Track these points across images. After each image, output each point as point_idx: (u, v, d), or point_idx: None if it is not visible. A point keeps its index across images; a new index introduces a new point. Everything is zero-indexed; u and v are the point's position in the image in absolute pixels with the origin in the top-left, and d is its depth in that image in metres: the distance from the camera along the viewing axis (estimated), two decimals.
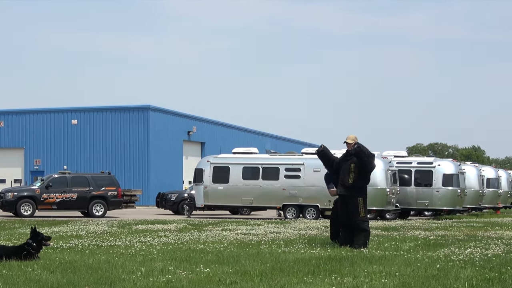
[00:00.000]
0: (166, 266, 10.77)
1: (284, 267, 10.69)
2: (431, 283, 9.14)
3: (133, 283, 9.14)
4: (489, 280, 9.48)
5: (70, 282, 9.19)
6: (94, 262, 11.33)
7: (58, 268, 10.65)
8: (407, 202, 32.93)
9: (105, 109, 57.51)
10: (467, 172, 35.70)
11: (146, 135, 55.77)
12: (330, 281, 9.31)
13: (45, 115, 58.29)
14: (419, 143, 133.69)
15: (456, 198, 32.93)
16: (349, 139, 14.51)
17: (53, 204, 33.35)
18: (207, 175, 33.27)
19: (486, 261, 11.78)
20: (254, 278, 9.55)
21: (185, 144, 60.90)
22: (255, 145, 52.67)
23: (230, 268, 10.55)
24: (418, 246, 14.97)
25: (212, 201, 33.24)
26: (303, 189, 31.75)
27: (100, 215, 33.30)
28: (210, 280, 9.37)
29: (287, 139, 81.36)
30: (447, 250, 13.70)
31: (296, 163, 32.33)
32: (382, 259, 11.93)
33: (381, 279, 9.46)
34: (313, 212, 31.58)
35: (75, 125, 57.22)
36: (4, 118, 58.88)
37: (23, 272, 10.14)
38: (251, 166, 33.05)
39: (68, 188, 33.59)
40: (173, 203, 37.88)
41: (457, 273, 10.11)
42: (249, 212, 37.58)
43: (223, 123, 68.23)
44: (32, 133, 58.05)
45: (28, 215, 32.58)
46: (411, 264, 11.16)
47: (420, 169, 33.14)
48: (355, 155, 14.26)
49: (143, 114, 56.24)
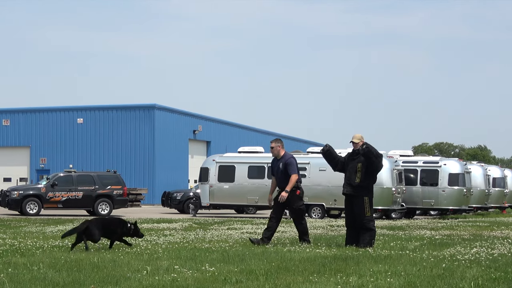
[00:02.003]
0: (171, 265, 10.77)
1: (290, 266, 10.68)
2: (437, 283, 9.12)
3: (139, 282, 9.14)
4: (495, 279, 9.46)
5: (76, 281, 9.19)
6: (100, 261, 11.33)
7: (63, 266, 10.66)
8: (413, 201, 32.90)
9: (111, 108, 57.58)
10: (473, 172, 35.66)
11: (151, 134, 55.81)
12: (335, 280, 9.30)
13: (51, 113, 58.38)
14: (425, 143, 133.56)
15: (462, 198, 32.89)
16: (355, 139, 14.46)
17: (59, 202, 33.42)
18: (212, 174, 33.29)
19: (492, 260, 11.75)
20: (259, 277, 9.54)
21: (191, 143, 60.94)
22: (261, 144, 52.62)
23: (236, 267, 10.54)
24: (424, 245, 14.94)
25: (217, 200, 33.26)
26: (309, 188, 31.63)
27: (105, 214, 33.33)
28: (216, 279, 9.36)
29: (293, 138, 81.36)
30: (453, 250, 13.68)
31: (302, 162, 32.26)
32: (387, 259, 11.91)
33: (386, 278, 9.45)
34: (318, 211, 31.58)
35: (80, 124, 57.30)
36: (10, 116, 58.98)
37: (29, 271, 10.15)
38: (257, 165, 33.05)
39: (74, 186, 33.65)
40: (178, 202, 37.89)
41: (463, 273, 10.09)
42: (254, 211, 37.58)
43: (228, 122, 68.25)
44: (38, 131, 58.15)
45: (34, 214, 32.65)
46: (417, 264, 11.14)
47: (426, 169, 33.11)
48: (363, 155, 14.22)
49: (149, 113, 56.28)
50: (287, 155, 14.76)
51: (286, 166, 14.60)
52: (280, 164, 14.70)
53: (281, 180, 14.68)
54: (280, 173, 14.69)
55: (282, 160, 14.73)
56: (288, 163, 14.60)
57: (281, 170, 14.66)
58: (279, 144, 14.87)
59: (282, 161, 14.70)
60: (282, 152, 14.84)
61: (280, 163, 14.71)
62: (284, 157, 14.74)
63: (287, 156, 14.75)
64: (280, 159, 14.78)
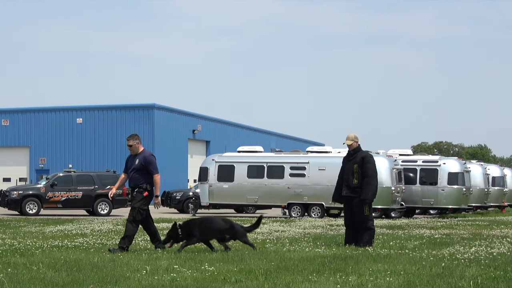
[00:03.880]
0: (171, 264, 10.77)
1: (289, 266, 10.68)
2: (436, 282, 9.12)
3: (138, 281, 9.14)
4: (494, 278, 9.46)
5: (75, 281, 9.19)
6: (99, 261, 11.34)
7: (63, 266, 10.66)
8: (412, 200, 32.91)
9: (110, 108, 57.55)
10: (472, 171, 35.66)
11: (151, 134, 55.78)
12: (335, 279, 9.30)
13: (50, 113, 58.35)
14: (424, 142, 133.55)
15: (461, 197, 32.89)
16: (348, 140, 14.41)
17: (58, 202, 33.43)
18: (212, 173, 33.29)
19: (491, 259, 11.75)
20: (259, 277, 9.54)
21: (190, 142, 60.93)
22: (260, 143, 52.70)
23: (235, 267, 10.54)
24: (423, 244, 14.94)
25: (217, 199, 33.25)
26: (308, 188, 31.75)
27: (105, 214, 33.35)
28: (215, 279, 9.36)
29: (292, 137, 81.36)
30: (452, 249, 13.68)
31: (301, 162, 32.32)
32: (387, 258, 11.91)
33: (386, 277, 9.45)
34: (318, 210, 31.58)
35: (80, 123, 57.28)
36: (9, 116, 58.96)
37: (28, 271, 10.15)
38: (256, 165, 33.05)
39: (73, 186, 33.66)
40: (178, 201, 37.87)
41: (462, 272, 10.09)
42: (254, 210, 37.58)
43: (228, 121, 68.24)
44: (37, 131, 58.13)
45: (33, 214, 32.65)
46: (416, 263, 11.14)
47: (425, 168, 33.11)
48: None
49: (148, 113, 56.27)
50: (147, 152, 13.68)
51: (146, 164, 13.52)
52: (137, 161, 13.59)
53: (136, 178, 13.58)
54: (134, 171, 13.58)
55: (139, 156, 13.64)
56: (148, 161, 13.54)
57: (137, 167, 13.56)
58: (137, 140, 13.77)
59: (140, 157, 13.61)
60: (141, 148, 13.78)
61: (137, 159, 13.60)
62: (143, 154, 13.64)
63: (147, 153, 13.65)
64: (137, 155, 13.68)
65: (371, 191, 14.03)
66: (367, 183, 14.03)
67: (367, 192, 14.00)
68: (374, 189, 14.10)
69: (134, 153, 13.79)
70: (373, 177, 14.12)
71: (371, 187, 14.05)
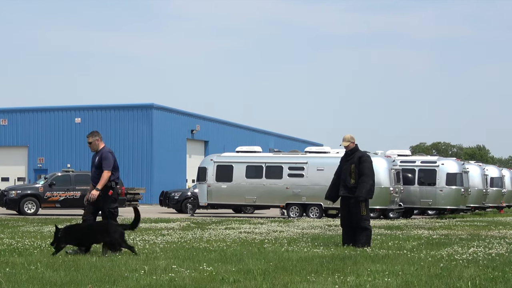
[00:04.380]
0: (169, 264, 10.77)
1: (287, 266, 10.68)
2: (434, 282, 9.13)
3: (136, 281, 9.13)
4: (492, 279, 9.46)
5: (73, 280, 9.19)
6: (97, 260, 11.33)
7: (61, 266, 10.65)
8: (411, 201, 32.91)
9: (109, 108, 57.54)
10: (470, 171, 35.66)
11: (149, 134, 55.78)
12: (333, 280, 9.30)
13: (48, 113, 58.34)
14: (423, 142, 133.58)
15: (460, 197, 32.90)
16: (344, 141, 14.45)
17: (57, 202, 33.39)
18: (210, 173, 33.28)
19: (490, 260, 11.76)
20: (257, 277, 9.54)
21: (189, 142, 60.91)
22: (259, 143, 52.60)
23: (233, 267, 10.54)
24: (422, 245, 14.95)
25: (215, 199, 33.25)
26: (307, 188, 31.74)
27: None
28: (213, 279, 9.36)
29: (291, 137, 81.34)
30: (451, 249, 13.69)
31: (300, 162, 32.32)
32: (385, 258, 11.91)
33: (384, 278, 9.45)
34: (316, 211, 31.59)
35: (78, 123, 57.25)
36: (7, 116, 58.94)
37: (26, 270, 10.14)
38: (255, 165, 33.04)
39: (72, 186, 33.63)
40: (176, 201, 37.85)
41: (461, 272, 10.09)
42: (252, 210, 37.57)
43: (226, 121, 68.22)
44: (35, 131, 58.11)
45: (32, 213, 32.62)
46: (414, 263, 11.15)
47: (424, 168, 33.11)
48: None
49: (147, 113, 56.26)
50: (105, 149, 13.33)
51: (101, 160, 13.19)
52: (97, 158, 13.31)
53: (94, 176, 13.28)
54: (95, 168, 13.30)
55: (99, 153, 13.34)
56: (104, 157, 13.17)
57: (96, 164, 13.28)
58: (97, 137, 13.38)
59: (99, 154, 13.31)
60: (101, 145, 13.41)
61: (97, 157, 13.32)
62: (101, 150, 13.32)
63: (105, 149, 13.30)
64: (97, 153, 13.37)
65: (365, 189, 14.05)
66: (362, 181, 14.08)
67: (361, 190, 14.03)
68: (369, 187, 14.11)
69: (94, 150, 13.47)
70: (369, 175, 14.14)
71: (366, 185, 14.07)
